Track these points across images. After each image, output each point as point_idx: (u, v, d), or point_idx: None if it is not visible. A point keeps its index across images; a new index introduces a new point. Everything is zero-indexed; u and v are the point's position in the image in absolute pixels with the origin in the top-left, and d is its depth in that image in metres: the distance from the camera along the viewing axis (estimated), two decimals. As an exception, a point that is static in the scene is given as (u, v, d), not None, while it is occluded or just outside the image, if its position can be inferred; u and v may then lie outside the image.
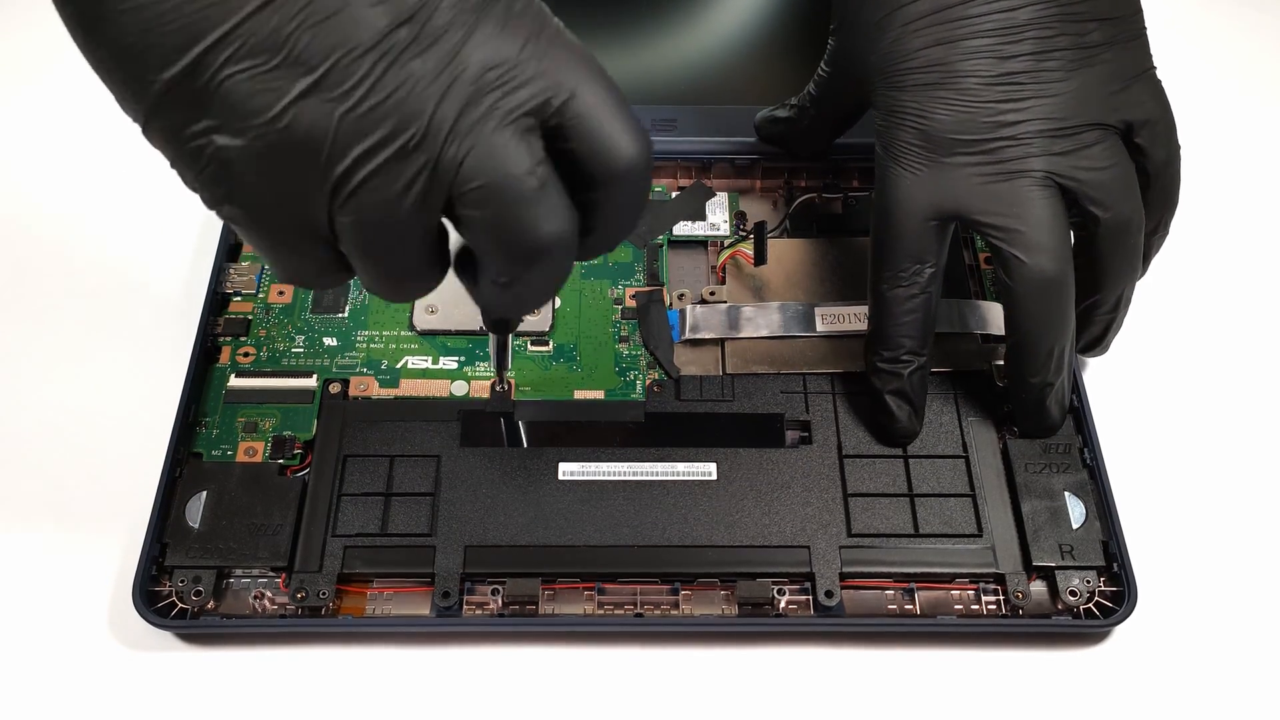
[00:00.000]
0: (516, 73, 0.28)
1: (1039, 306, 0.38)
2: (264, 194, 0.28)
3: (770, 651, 0.39)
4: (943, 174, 0.38)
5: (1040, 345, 0.39)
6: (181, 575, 0.39)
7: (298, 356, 0.44)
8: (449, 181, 0.28)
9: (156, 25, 0.26)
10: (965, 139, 0.38)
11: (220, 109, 0.27)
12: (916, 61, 0.38)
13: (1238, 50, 0.58)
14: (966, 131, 0.38)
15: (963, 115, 0.38)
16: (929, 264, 0.39)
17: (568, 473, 0.41)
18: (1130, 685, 0.39)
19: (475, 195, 0.28)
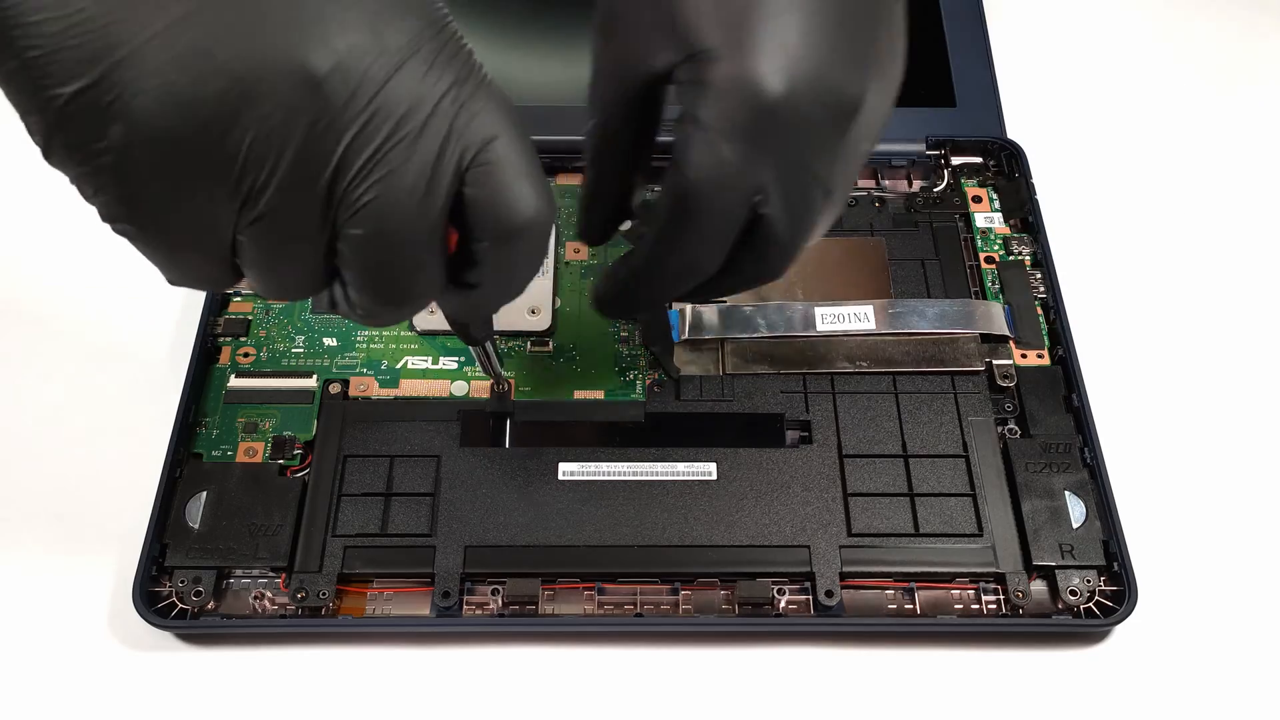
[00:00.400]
0: (435, 118, 0.28)
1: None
2: (165, 212, 0.28)
3: (770, 651, 0.39)
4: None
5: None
6: (181, 575, 0.39)
7: (298, 356, 0.44)
8: (344, 217, 0.28)
9: (64, 37, 0.25)
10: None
11: (124, 126, 0.26)
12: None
13: (1226, 49, 0.58)
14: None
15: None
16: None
17: (568, 473, 0.41)
18: (1130, 685, 0.39)
19: (357, 241, 0.28)
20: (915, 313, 0.45)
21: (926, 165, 0.50)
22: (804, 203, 0.34)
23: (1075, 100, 0.56)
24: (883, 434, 0.42)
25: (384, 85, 0.27)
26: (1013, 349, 0.45)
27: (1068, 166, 0.52)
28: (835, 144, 0.33)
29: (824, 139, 0.33)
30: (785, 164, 0.33)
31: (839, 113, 0.32)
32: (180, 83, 0.26)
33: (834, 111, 0.32)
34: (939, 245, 0.48)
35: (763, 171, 0.32)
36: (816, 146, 0.33)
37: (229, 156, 0.26)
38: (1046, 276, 0.47)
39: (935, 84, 0.52)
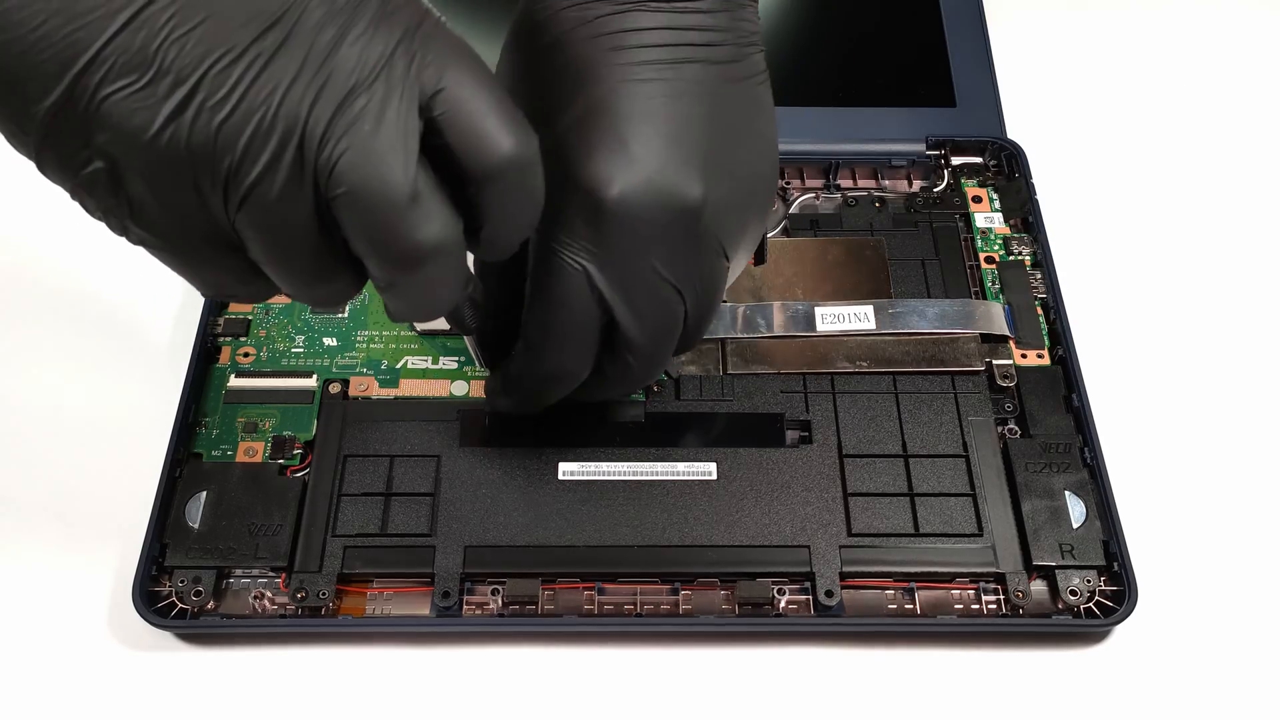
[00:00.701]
0: (389, 71, 0.28)
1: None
2: (164, 212, 0.28)
3: (770, 651, 0.39)
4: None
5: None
6: (181, 575, 0.39)
7: (298, 356, 0.44)
8: (323, 185, 0.28)
9: (31, 54, 0.25)
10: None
11: (104, 132, 0.26)
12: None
13: (1227, 49, 0.58)
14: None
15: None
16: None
17: (568, 473, 0.41)
18: (1130, 685, 0.39)
19: (344, 201, 0.28)
20: (915, 313, 0.45)
21: (926, 165, 0.50)
22: (653, 305, 0.34)
23: (1075, 100, 0.56)
24: (883, 434, 0.42)
25: (334, 47, 0.27)
26: (1013, 349, 0.45)
27: (1068, 166, 0.52)
28: (679, 245, 0.34)
29: (663, 240, 0.33)
30: (624, 267, 0.34)
31: (678, 214, 0.33)
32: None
33: (672, 213, 0.33)
34: (939, 245, 0.48)
35: (605, 275, 0.34)
36: (656, 248, 0.33)
37: (204, 142, 0.27)
38: (1046, 276, 0.47)
39: (935, 84, 0.52)
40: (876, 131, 0.51)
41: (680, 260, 0.34)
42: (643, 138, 0.33)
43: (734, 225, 0.35)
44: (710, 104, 0.34)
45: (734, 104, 0.34)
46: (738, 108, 0.34)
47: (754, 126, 0.35)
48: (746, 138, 0.35)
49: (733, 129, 0.34)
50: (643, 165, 0.33)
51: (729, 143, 0.34)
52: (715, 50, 0.34)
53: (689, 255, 0.34)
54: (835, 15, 0.56)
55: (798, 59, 0.54)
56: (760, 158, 0.35)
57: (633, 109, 0.33)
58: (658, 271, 0.34)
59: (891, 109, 0.51)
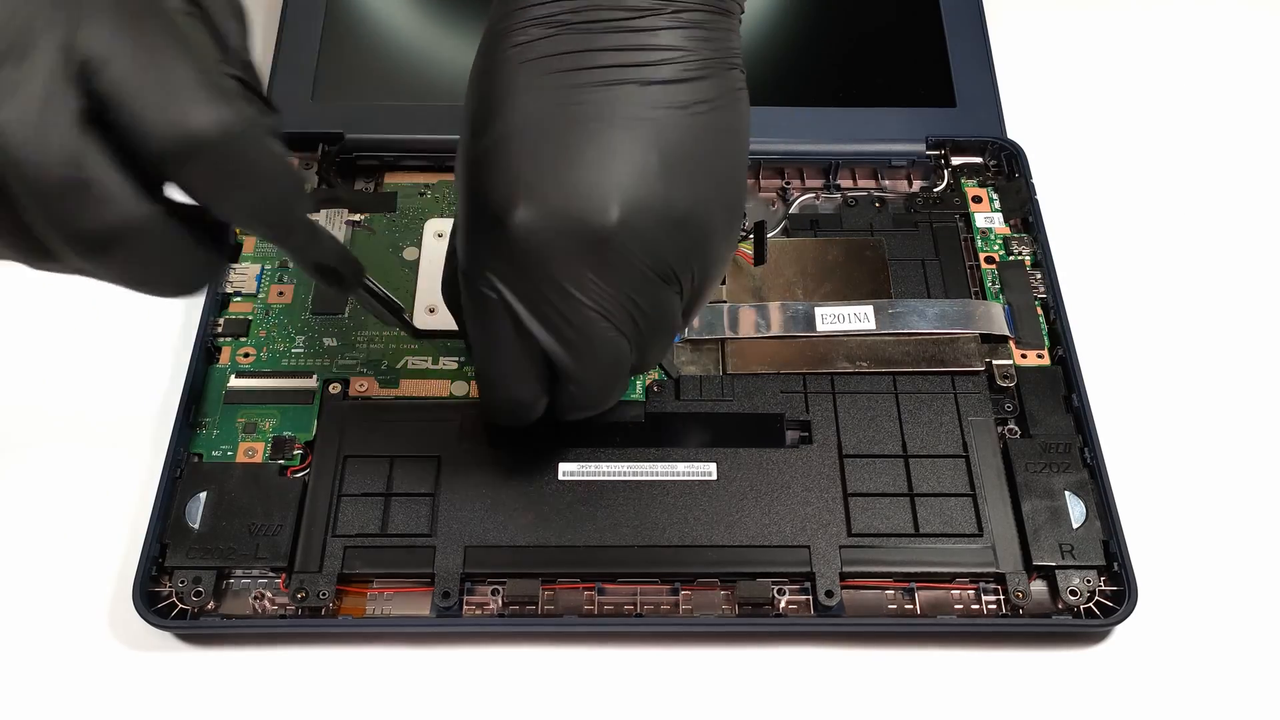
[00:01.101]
0: (30, 36, 0.25)
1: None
2: None
3: (770, 651, 0.39)
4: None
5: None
6: (181, 575, 0.39)
7: (298, 357, 0.44)
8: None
9: None
10: None
11: None
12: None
13: (1227, 49, 0.58)
14: None
15: None
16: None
17: (568, 473, 0.41)
18: (1130, 685, 0.39)
19: (5, 181, 0.26)
20: (915, 313, 0.45)
21: (926, 165, 0.50)
22: (580, 334, 0.34)
23: (1075, 100, 0.56)
24: (883, 434, 0.42)
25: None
26: (1013, 349, 0.45)
27: (1068, 166, 0.52)
28: (597, 272, 0.33)
29: (576, 267, 0.33)
30: (537, 294, 0.33)
31: (586, 240, 0.32)
32: None
33: (580, 239, 0.32)
34: (939, 245, 0.48)
35: (521, 303, 0.33)
36: (569, 275, 0.33)
37: None
38: (1046, 276, 0.47)
39: (935, 84, 0.52)
40: (876, 131, 0.51)
41: (602, 287, 0.33)
42: (554, 162, 0.32)
43: (679, 250, 0.34)
44: (640, 129, 0.32)
45: (674, 128, 0.33)
46: (679, 132, 0.33)
47: (701, 150, 0.33)
48: (689, 162, 0.33)
49: (671, 153, 0.33)
50: (550, 190, 0.32)
51: (666, 167, 0.32)
52: (654, 70, 0.33)
53: (612, 282, 0.33)
54: (835, 15, 0.56)
55: (798, 59, 0.54)
56: (708, 182, 0.34)
57: (549, 133, 0.32)
58: (576, 299, 0.33)
59: (891, 109, 0.51)
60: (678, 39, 0.33)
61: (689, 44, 0.33)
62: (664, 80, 0.33)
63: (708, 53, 0.33)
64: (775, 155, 0.50)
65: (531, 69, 0.33)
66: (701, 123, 0.33)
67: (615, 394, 0.37)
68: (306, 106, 0.51)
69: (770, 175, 0.51)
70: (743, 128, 0.35)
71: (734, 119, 0.34)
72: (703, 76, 0.33)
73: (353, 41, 0.54)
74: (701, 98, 0.33)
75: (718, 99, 0.34)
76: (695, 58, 0.33)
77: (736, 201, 0.35)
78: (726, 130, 0.34)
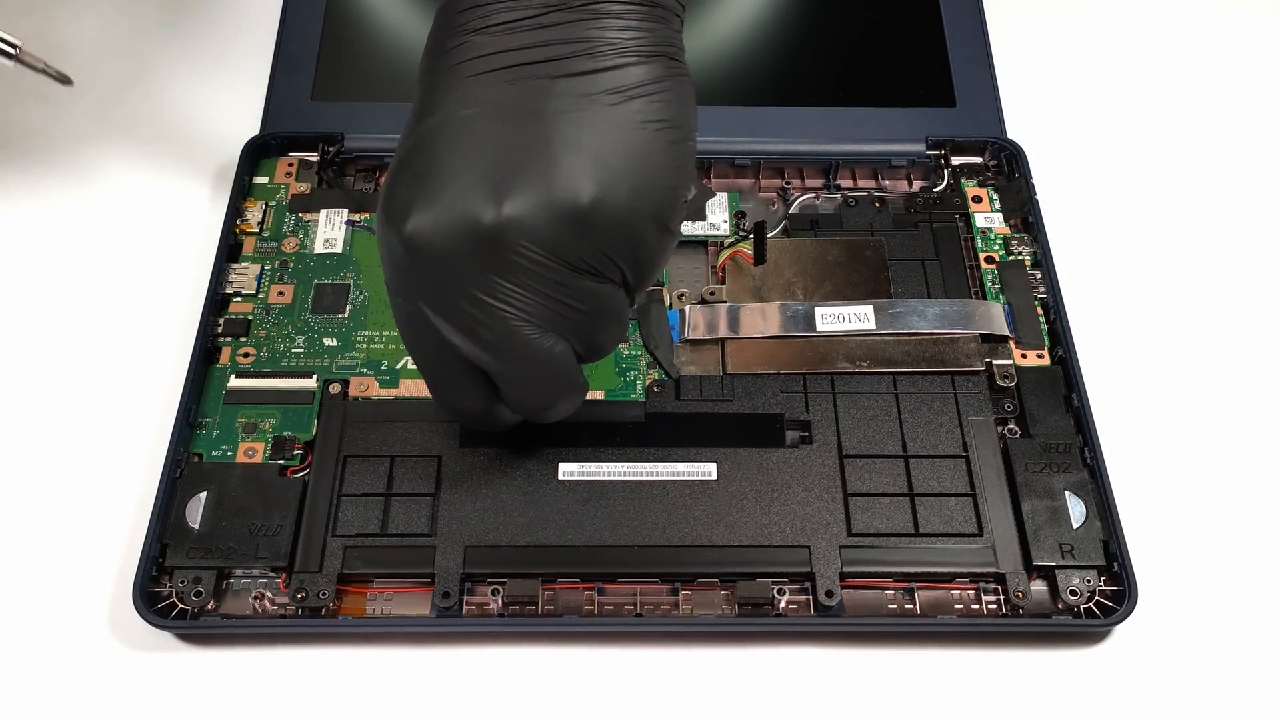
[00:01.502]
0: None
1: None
2: None
3: (770, 651, 0.39)
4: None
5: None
6: (181, 575, 0.39)
7: (298, 357, 0.44)
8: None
9: None
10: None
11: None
12: None
13: (1227, 49, 0.58)
14: None
15: None
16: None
17: (568, 473, 0.41)
18: (1130, 685, 0.39)
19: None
20: (915, 313, 0.45)
21: (926, 165, 0.50)
22: (500, 338, 0.34)
23: (1075, 100, 0.56)
24: (883, 434, 0.42)
25: None
26: (1013, 349, 0.45)
27: (1068, 166, 0.52)
28: (501, 273, 0.32)
29: (479, 270, 0.32)
30: (446, 302, 0.33)
31: (481, 241, 0.32)
32: None
33: (473, 241, 0.32)
34: (939, 245, 0.48)
35: (435, 312, 0.33)
36: (474, 278, 0.32)
37: None
38: (1046, 276, 0.47)
39: (935, 84, 0.52)
40: (876, 131, 0.51)
41: (512, 290, 0.33)
42: (444, 167, 0.32)
43: (595, 245, 0.33)
44: (540, 123, 0.32)
45: (580, 120, 0.32)
46: (587, 123, 0.32)
47: (613, 140, 0.32)
48: (595, 153, 0.32)
49: (573, 145, 0.32)
50: (437, 195, 0.32)
51: (565, 160, 0.32)
52: (560, 65, 0.32)
53: (521, 283, 0.33)
54: (835, 15, 0.56)
55: (798, 59, 0.54)
56: (623, 173, 0.32)
57: (446, 138, 0.32)
58: (488, 304, 0.33)
59: (891, 109, 0.51)
60: (595, 30, 0.32)
61: (609, 35, 0.32)
62: (570, 74, 0.32)
63: (630, 43, 0.33)
64: (775, 155, 0.50)
65: (451, 74, 0.33)
66: (614, 113, 0.32)
67: (564, 392, 0.37)
68: (306, 106, 0.51)
69: (770, 175, 0.51)
70: (672, 115, 0.33)
71: (660, 107, 0.33)
72: (619, 66, 0.32)
73: (353, 41, 0.54)
74: (614, 86, 0.32)
75: (636, 87, 0.32)
76: (611, 48, 0.32)
77: (665, 190, 0.33)
78: (649, 118, 0.33)
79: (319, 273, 0.47)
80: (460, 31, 0.33)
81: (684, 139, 0.34)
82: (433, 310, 0.34)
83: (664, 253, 0.36)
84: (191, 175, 0.51)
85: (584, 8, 0.32)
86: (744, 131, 0.50)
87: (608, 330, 0.36)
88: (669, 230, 0.35)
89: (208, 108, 0.54)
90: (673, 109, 0.33)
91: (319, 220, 0.48)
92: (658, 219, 0.34)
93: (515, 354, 0.34)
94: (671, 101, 0.33)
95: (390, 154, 0.50)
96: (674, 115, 0.33)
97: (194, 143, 0.53)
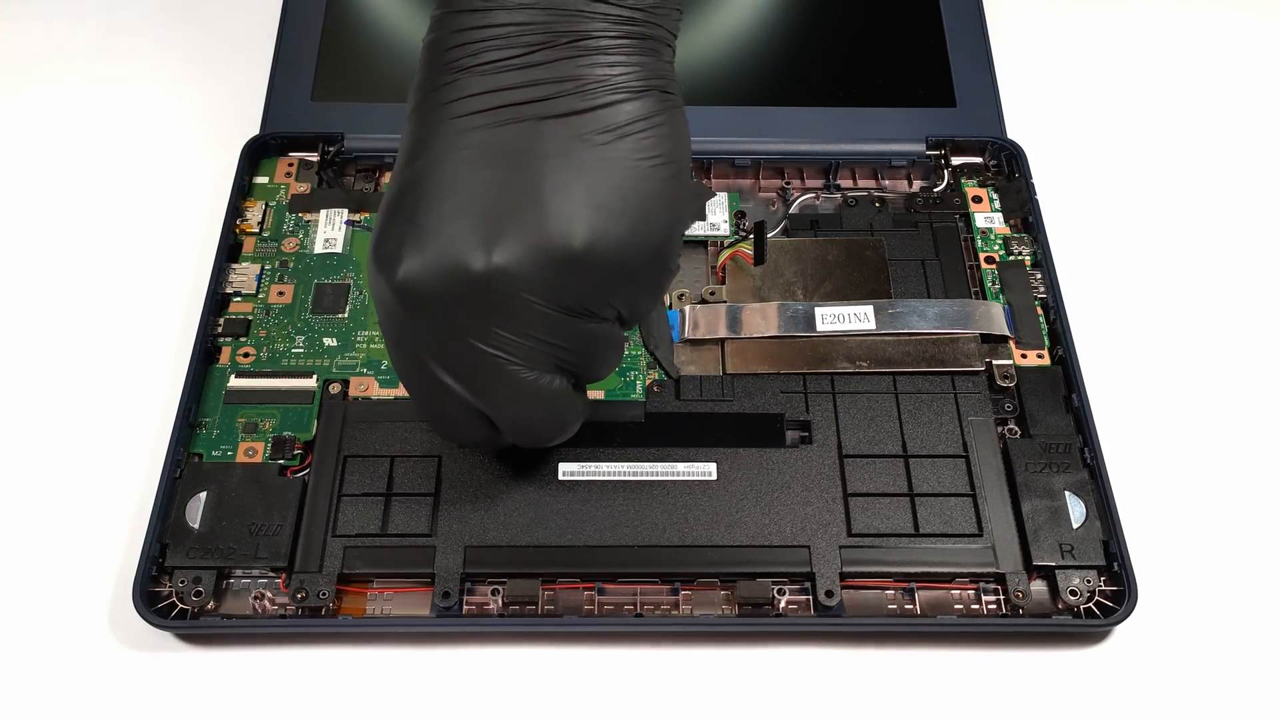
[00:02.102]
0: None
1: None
2: None
3: (770, 651, 0.39)
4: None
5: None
6: (181, 575, 0.39)
7: (298, 357, 0.44)
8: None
9: None
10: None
11: None
12: None
13: (1227, 49, 0.58)
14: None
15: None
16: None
17: (568, 473, 0.41)
18: (1130, 685, 0.39)
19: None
20: (915, 313, 0.45)
21: (926, 165, 0.50)
22: (495, 383, 0.33)
23: (1075, 100, 0.56)
24: (883, 434, 0.42)
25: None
26: (1013, 349, 0.45)
27: (1068, 166, 0.52)
28: (493, 317, 0.32)
29: (470, 315, 0.32)
30: (440, 347, 0.33)
31: (471, 286, 0.32)
32: None
33: (464, 285, 0.32)
34: (939, 245, 0.48)
35: (431, 358, 0.34)
36: (464, 323, 0.32)
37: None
38: (1046, 276, 0.47)
39: (935, 84, 0.52)
40: (876, 131, 0.51)
41: (503, 335, 0.32)
42: (434, 211, 0.32)
43: (588, 288, 0.32)
44: (531, 165, 0.31)
45: (571, 161, 0.31)
46: (576, 164, 0.31)
47: (603, 180, 0.32)
48: (584, 194, 0.31)
49: (562, 188, 0.31)
50: (427, 242, 0.32)
51: (555, 203, 0.31)
52: (549, 105, 0.31)
53: (514, 329, 0.32)
54: (835, 15, 0.56)
55: (798, 59, 0.54)
56: (617, 211, 0.32)
57: (437, 182, 0.32)
58: (478, 349, 0.32)
59: (891, 109, 0.51)
60: (583, 68, 0.32)
61: (597, 71, 0.32)
62: (563, 114, 0.32)
63: (621, 79, 0.32)
64: (775, 155, 0.50)
65: (434, 116, 0.32)
66: (606, 152, 0.32)
67: (565, 423, 0.36)
68: (306, 106, 0.51)
69: (770, 175, 0.51)
70: (667, 150, 0.33)
71: (653, 143, 0.32)
72: (609, 104, 0.32)
73: (353, 41, 0.54)
74: (605, 125, 0.32)
75: (628, 124, 0.32)
76: (601, 86, 0.32)
77: (662, 228, 0.33)
78: (643, 155, 0.32)
79: (319, 273, 0.47)
80: (449, 69, 0.32)
81: (680, 173, 0.33)
82: (426, 355, 0.33)
83: (662, 290, 0.36)
84: (191, 175, 0.51)
85: (572, 44, 0.31)
86: (744, 131, 0.50)
87: (605, 362, 0.36)
88: (667, 269, 0.34)
89: (208, 108, 0.54)
90: (667, 144, 0.33)
91: (319, 220, 0.48)
92: (655, 258, 0.33)
93: (511, 396, 0.34)
94: (666, 136, 0.33)
95: (390, 154, 0.50)
96: (668, 150, 0.33)
97: (194, 143, 0.53)
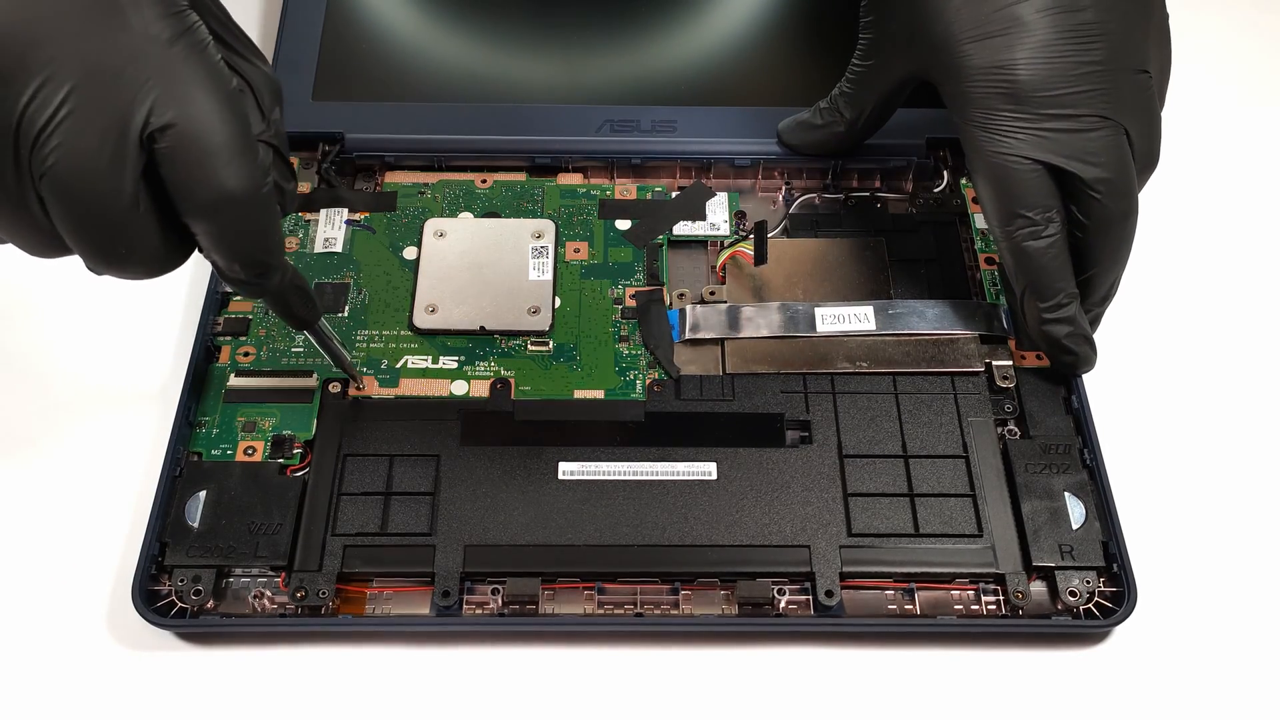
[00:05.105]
0: (121, 81, 0.28)
1: (1116, 241, 0.41)
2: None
3: (770, 651, 0.39)
4: (1036, 126, 0.39)
5: (1110, 275, 0.42)
6: (181, 575, 0.39)
7: (298, 356, 0.44)
8: (36, 179, 0.28)
9: None
10: (1050, 94, 0.39)
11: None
12: (994, 24, 0.39)
13: (1228, 49, 0.58)
14: (1050, 86, 0.39)
15: (1045, 70, 0.39)
16: (1053, 208, 0.40)
17: (568, 473, 0.41)
18: (1130, 685, 0.39)
19: (49, 202, 0.29)
20: (915, 313, 0.45)
21: (926, 165, 0.50)
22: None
23: (1075, 101, 0.56)
24: (883, 434, 0.42)
25: (74, 44, 0.27)
26: (1012, 350, 0.45)
27: (1067, 167, 0.52)
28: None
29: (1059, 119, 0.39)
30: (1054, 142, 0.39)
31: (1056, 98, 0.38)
32: None
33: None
34: (939, 246, 0.48)
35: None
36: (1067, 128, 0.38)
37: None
38: (1046, 277, 0.47)
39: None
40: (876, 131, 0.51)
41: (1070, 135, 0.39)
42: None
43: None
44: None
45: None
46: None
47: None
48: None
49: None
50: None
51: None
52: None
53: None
54: (835, 15, 0.56)
55: (797, 59, 0.54)
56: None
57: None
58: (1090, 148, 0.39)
59: (891, 109, 0.51)
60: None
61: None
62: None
63: None
64: (775, 155, 0.50)
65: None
66: None
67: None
68: (306, 106, 0.51)
69: (770, 175, 0.51)
70: None
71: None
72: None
73: (353, 41, 0.54)
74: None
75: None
76: None
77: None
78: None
79: (319, 272, 0.47)
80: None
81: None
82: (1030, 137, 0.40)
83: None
84: (191, 174, 0.51)
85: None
86: (744, 132, 0.50)
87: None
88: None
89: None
90: None
91: (319, 220, 0.48)
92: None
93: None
94: None
95: (391, 154, 0.50)
96: None
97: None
